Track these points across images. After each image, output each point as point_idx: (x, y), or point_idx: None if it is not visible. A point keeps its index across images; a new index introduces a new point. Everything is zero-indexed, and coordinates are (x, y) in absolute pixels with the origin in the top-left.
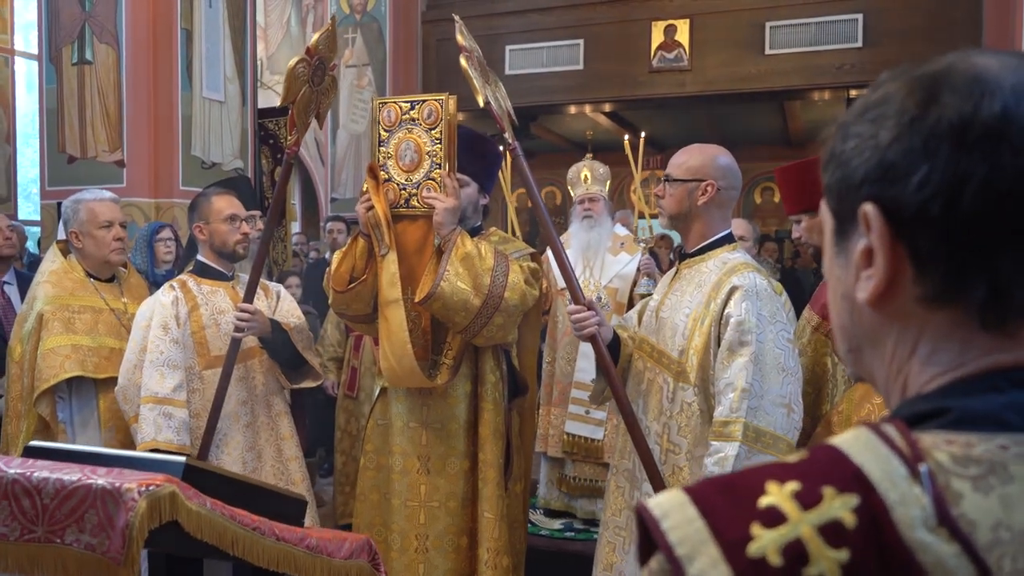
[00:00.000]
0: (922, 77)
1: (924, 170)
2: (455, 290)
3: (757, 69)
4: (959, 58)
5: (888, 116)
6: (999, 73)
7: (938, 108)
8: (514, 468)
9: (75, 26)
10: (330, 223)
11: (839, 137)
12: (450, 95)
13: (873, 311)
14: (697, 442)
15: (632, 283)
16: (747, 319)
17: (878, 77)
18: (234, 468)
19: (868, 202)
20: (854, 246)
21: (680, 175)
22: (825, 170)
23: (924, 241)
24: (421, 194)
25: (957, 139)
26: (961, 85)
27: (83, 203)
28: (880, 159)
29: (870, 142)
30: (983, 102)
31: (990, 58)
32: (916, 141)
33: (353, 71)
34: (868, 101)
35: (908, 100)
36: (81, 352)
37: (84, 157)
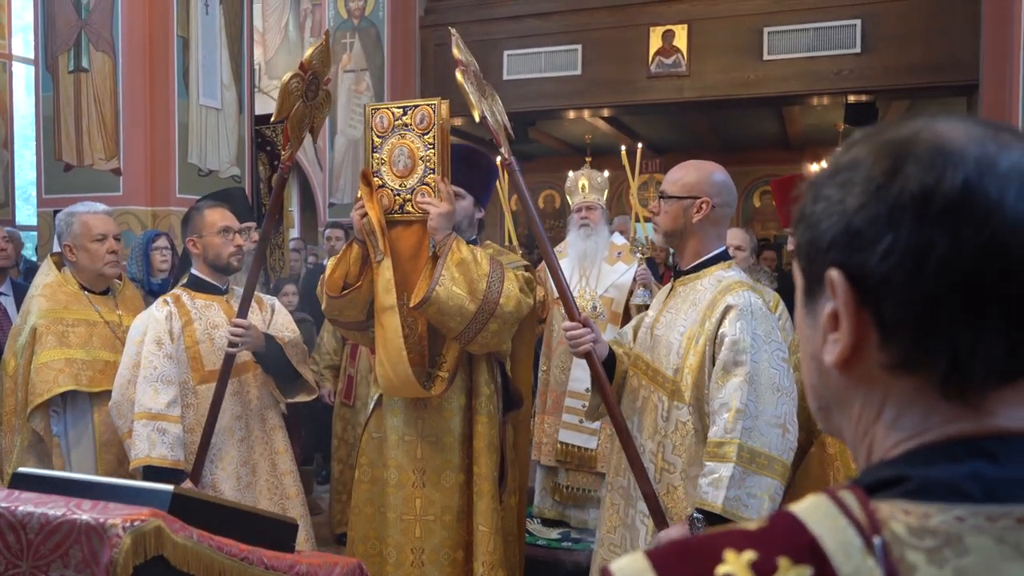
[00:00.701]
0: (889, 144)
1: (888, 239)
2: (450, 295)
3: (755, 75)
4: (925, 126)
5: (856, 182)
6: (964, 145)
7: (902, 178)
8: (509, 481)
9: (71, 34)
10: (328, 230)
11: (810, 197)
12: (442, 100)
13: (840, 374)
14: (692, 461)
15: (628, 293)
16: (742, 339)
17: (851, 136)
18: (228, 483)
19: (834, 267)
20: (821, 308)
21: (675, 192)
22: (796, 229)
23: (888, 309)
24: (415, 199)
25: (920, 210)
26: (925, 156)
27: (77, 216)
28: (847, 225)
29: (838, 207)
30: (945, 174)
31: (956, 128)
32: (881, 209)
33: (351, 76)
34: (838, 163)
35: (875, 167)
36: (75, 366)
37: (81, 165)
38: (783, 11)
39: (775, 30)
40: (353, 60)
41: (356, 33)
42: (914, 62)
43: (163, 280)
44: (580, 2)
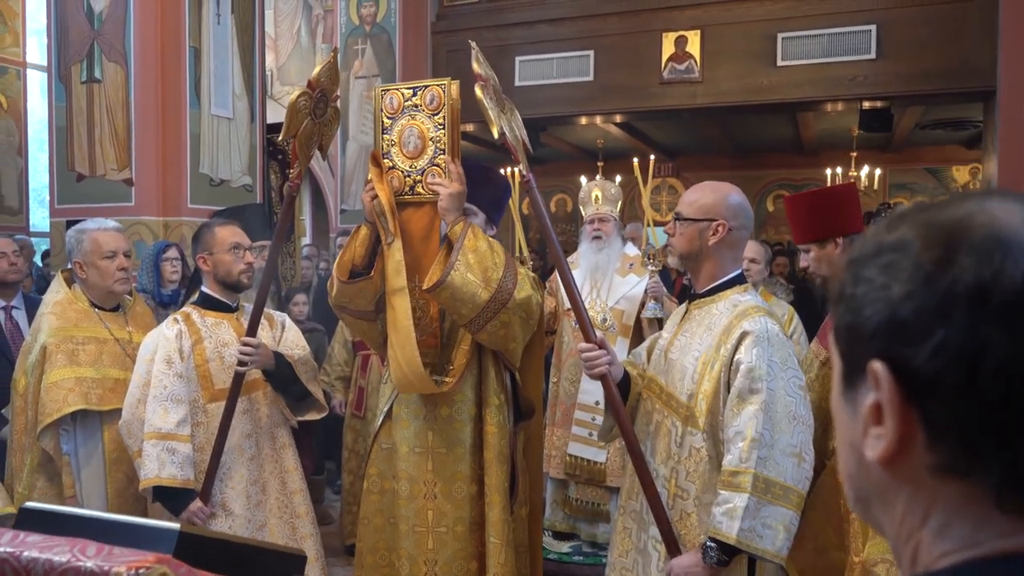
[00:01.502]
0: (940, 227)
1: (940, 335)
2: (465, 281)
3: (769, 81)
4: (980, 208)
5: (902, 267)
6: (1021, 232)
7: (956, 268)
8: (519, 491)
9: (84, 44)
10: (340, 238)
11: (850, 277)
12: (452, 80)
13: (882, 470)
14: (705, 488)
15: (640, 305)
16: (758, 366)
17: (894, 211)
18: (238, 502)
19: (878, 359)
20: (863, 399)
21: (691, 214)
22: (835, 308)
23: (938, 410)
24: (426, 180)
25: (976, 306)
26: (980, 245)
27: (87, 233)
28: (892, 314)
29: (882, 292)
30: (1005, 268)
31: (1014, 213)
32: (931, 301)
33: (363, 83)
34: (882, 242)
35: (924, 253)
36: (85, 385)
37: (93, 175)
38: (797, 17)
39: (789, 36)
40: (365, 66)
41: (368, 39)
42: (930, 68)
43: (173, 291)
44: (592, 8)
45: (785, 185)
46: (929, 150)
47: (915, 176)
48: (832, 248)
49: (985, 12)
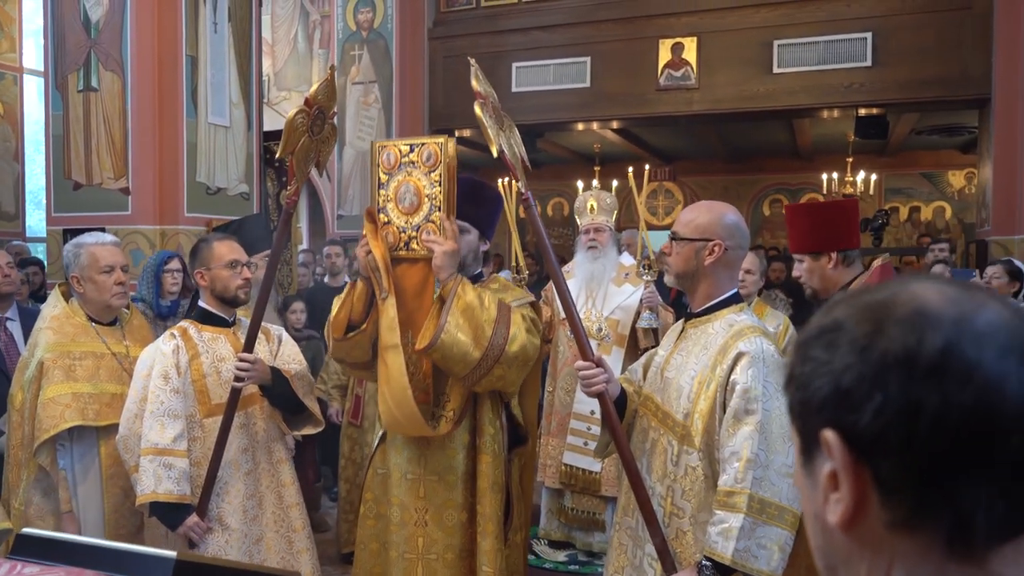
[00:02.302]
0: (869, 307)
1: (879, 399)
2: (455, 342)
3: (765, 88)
4: (903, 288)
5: (841, 344)
6: (941, 306)
7: (885, 339)
8: (514, 518)
9: (81, 53)
10: (327, 247)
11: (798, 359)
12: (449, 138)
13: (844, 535)
14: (701, 507)
15: (635, 314)
16: (753, 387)
17: (831, 300)
18: (235, 516)
19: (828, 427)
20: (820, 468)
21: (687, 234)
22: (787, 390)
23: (886, 468)
24: (421, 237)
25: (906, 370)
26: (905, 317)
27: (84, 247)
28: (836, 385)
29: (826, 367)
30: (926, 335)
31: (932, 290)
32: (867, 370)
33: (360, 88)
34: (822, 325)
35: (858, 329)
36: (82, 400)
37: (90, 184)
38: (793, 24)
39: (785, 43)
40: (362, 72)
41: (365, 45)
42: (926, 76)
43: (172, 303)
44: (589, 14)
45: (781, 190)
46: (925, 155)
47: (911, 181)
48: (825, 262)
49: (980, 20)
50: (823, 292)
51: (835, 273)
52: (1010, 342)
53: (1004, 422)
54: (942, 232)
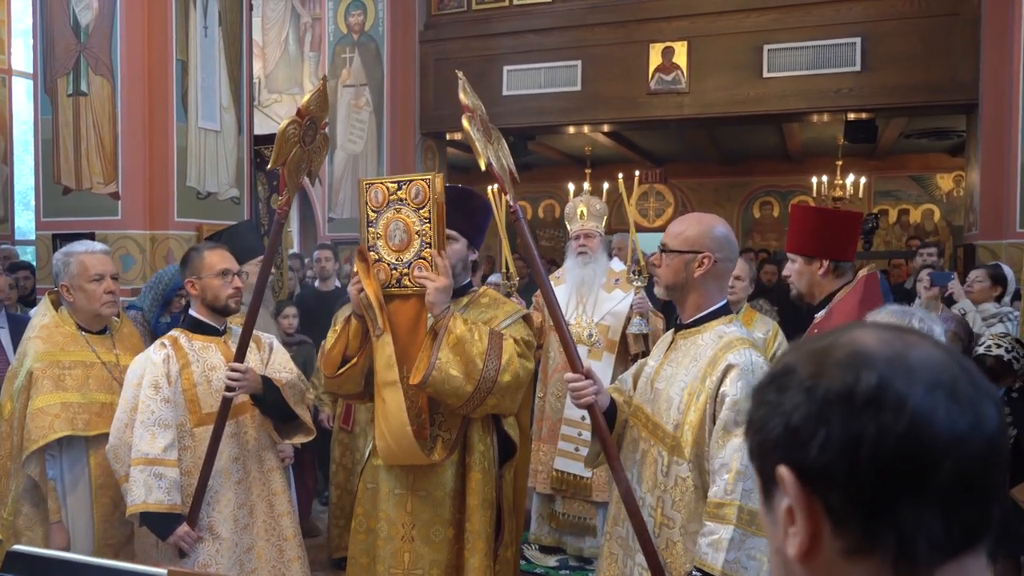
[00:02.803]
0: (814, 351)
1: (823, 434)
2: (446, 377)
3: (755, 92)
4: (843, 333)
5: (790, 386)
6: (876, 347)
7: (827, 379)
8: (505, 534)
9: (70, 57)
10: (317, 251)
11: (754, 404)
12: (437, 174)
13: (802, 567)
14: (691, 517)
15: (625, 320)
16: (742, 398)
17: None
18: (226, 525)
19: (782, 464)
20: (778, 504)
21: (677, 246)
22: (746, 435)
23: (835, 498)
24: (412, 273)
25: (845, 406)
26: (844, 359)
27: (74, 256)
28: (786, 424)
29: (778, 409)
30: (862, 373)
31: (869, 333)
32: (812, 408)
33: (350, 91)
34: (774, 372)
35: (803, 370)
36: (71, 410)
37: (79, 189)
38: (783, 29)
39: (775, 47)
40: (353, 75)
41: (356, 48)
42: (914, 81)
43: (173, 319)
44: (580, 18)
45: (771, 192)
46: (913, 158)
47: (900, 184)
48: (816, 267)
49: (968, 27)
50: (808, 296)
51: (823, 280)
52: (938, 377)
53: (936, 450)
54: (931, 235)
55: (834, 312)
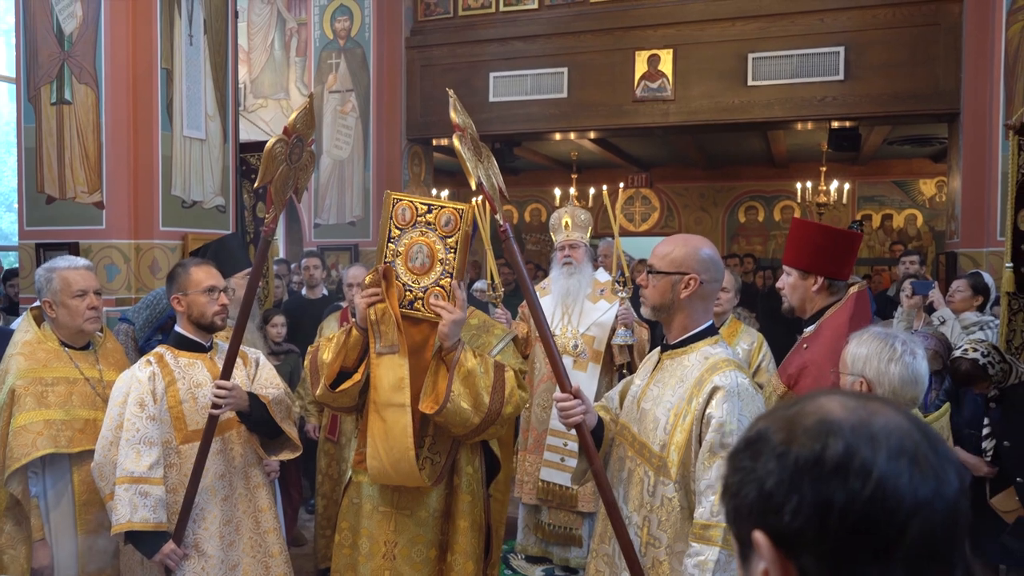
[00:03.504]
0: (784, 419)
1: (795, 500)
2: (458, 409)
3: (740, 100)
4: (811, 401)
5: (763, 453)
6: (842, 415)
7: (797, 447)
8: (493, 553)
9: (53, 66)
10: (305, 259)
11: (730, 470)
12: (470, 206)
13: None
14: (677, 537)
15: (610, 331)
16: (728, 421)
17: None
18: (211, 543)
19: (757, 529)
20: (755, 567)
21: (663, 267)
22: (723, 500)
23: (808, 561)
24: (428, 299)
25: (814, 473)
26: (812, 427)
27: (56, 272)
28: (760, 490)
29: (752, 475)
30: (829, 441)
31: (835, 401)
32: (784, 475)
33: (337, 96)
34: (748, 437)
35: (775, 437)
36: (54, 427)
37: (63, 198)
38: (768, 38)
39: (760, 56)
40: (339, 81)
41: (342, 54)
42: (897, 90)
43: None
44: (566, 25)
45: (756, 197)
46: (897, 163)
47: (883, 189)
48: (810, 283)
49: (950, 36)
50: (800, 311)
51: (816, 296)
52: (901, 444)
53: (901, 514)
54: (913, 239)
55: (824, 327)
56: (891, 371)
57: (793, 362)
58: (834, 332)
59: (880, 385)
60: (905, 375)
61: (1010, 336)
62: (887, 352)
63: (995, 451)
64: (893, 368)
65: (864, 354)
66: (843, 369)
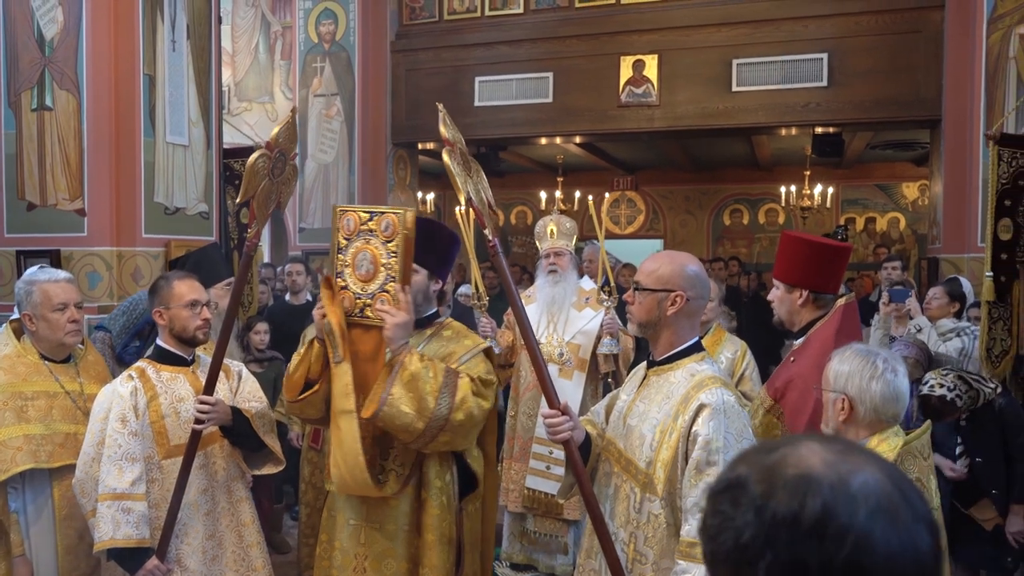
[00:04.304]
0: (765, 467)
1: (769, 556)
2: (397, 413)
3: (724, 106)
4: (792, 451)
5: (742, 501)
6: (821, 472)
7: (775, 502)
8: (465, 568)
9: (34, 71)
10: (288, 265)
11: (709, 509)
12: (408, 209)
13: None
14: (663, 554)
15: (596, 339)
16: (714, 439)
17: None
18: (194, 558)
19: None
20: None
21: (649, 284)
22: (701, 537)
23: None
24: (375, 305)
25: (790, 531)
26: (791, 482)
27: (36, 285)
28: (736, 539)
29: (730, 522)
30: (807, 500)
31: (815, 452)
32: (761, 529)
33: (321, 101)
34: (729, 479)
35: (755, 488)
36: (34, 442)
37: (44, 205)
38: (752, 44)
39: (744, 62)
40: (324, 84)
41: (327, 57)
42: (880, 97)
43: (137, 348)
44: (551, 30)
45: (741, 200)
46: (880, 167)
47: (866, 192)
48: (795, 296)
49: (931, 44)
50: (788, 324)
51: (802, 310)
52: (878, 503)
53: (875, 575)
54: (897, 242)
55: (811, 341)
56: (873, 388)
57: (780, 376)
58: (821, 346)
59: (862, 402)
60: (887, 392)
61: (990, 344)
62: (869, 369)
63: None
64: (875, 385)
65: (846, 371)
66: (825, 386)
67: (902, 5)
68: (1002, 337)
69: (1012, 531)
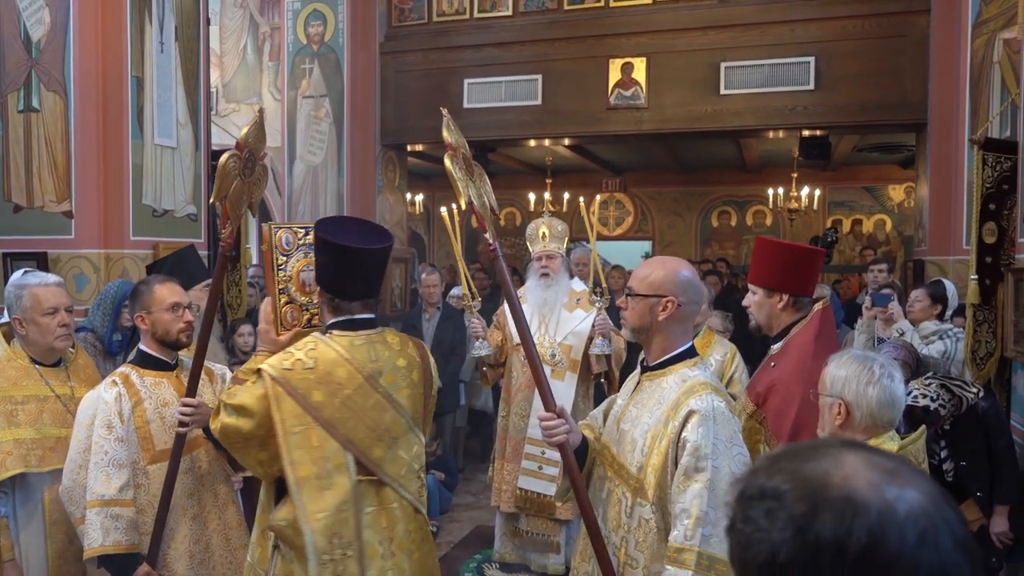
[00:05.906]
0: (807, 482)
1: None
2: None
3: (712, 108)
4: (836, 466)
5: (779, 516)
6: (868, 495)
7: (819, 524)
8: None
9: (21, 73)
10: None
11: (739, 512)
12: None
13: None
14: (654, 558)
15: (587, 340)
16: (703, 445)
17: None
18: (181, 562)
19: None
20: None
21: (642, 290)
22: (728, 535)
23: None
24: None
25: (834, 558)
26: (837, 504)
27: (27, 289)
28: (772, 556)
29: (764, 535)
30: (854, 526)
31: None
32: (803, 553)
33: (310, 102)
34: (764, 488)
35: (796, 505)
36: (24, 446)
37: (31, 207)
38: (740, 47)
39: (732, 65)
40: (312, 86)
41: (316, 59)
42: (866, 100)
43: (123, 336)
44: (540, 33)
45: (729, 202)
46: (866, 169)
47: (853, 194)
48: (775, 300)
49: (917, 48)
50: (766, 328)
51: (782, 313)
52: (924, 531)
53: None
54: (883, 244)
55: (791, 346)
56: (869, 394)
57: (761, 380)
58: (800, 351)
59: (858, 407)
60: (883, 398)
61: (975, 347)
62: (865, 375)
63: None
64: (871, 391)
65: (843, 376)
66: (822, 390)
67: (888, 9)
68: (987, 340)
69: (996, 531)
